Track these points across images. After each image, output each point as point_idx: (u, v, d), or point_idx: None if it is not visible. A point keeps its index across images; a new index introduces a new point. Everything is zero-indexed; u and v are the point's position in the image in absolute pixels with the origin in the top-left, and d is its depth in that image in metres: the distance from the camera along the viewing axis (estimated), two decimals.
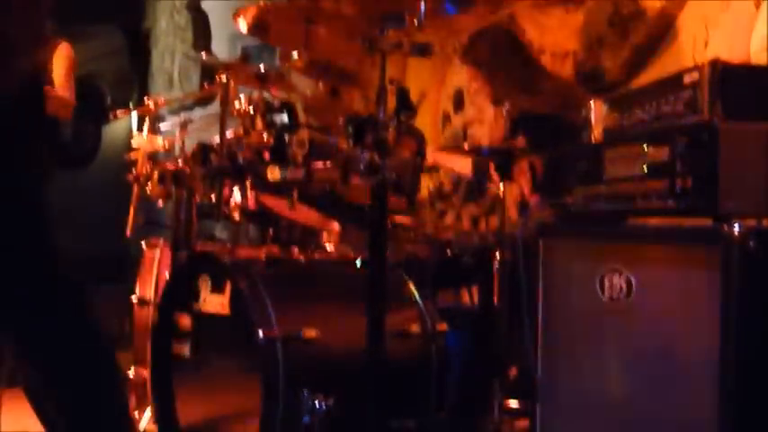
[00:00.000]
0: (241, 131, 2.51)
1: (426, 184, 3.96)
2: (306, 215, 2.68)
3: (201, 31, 6.42)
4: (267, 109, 2.52)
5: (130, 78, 7.02)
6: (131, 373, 3.12)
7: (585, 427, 1.84)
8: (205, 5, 6.43)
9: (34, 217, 1.73)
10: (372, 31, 1.71)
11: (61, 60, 3.35)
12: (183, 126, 3.03)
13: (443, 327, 2.41)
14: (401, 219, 2.83)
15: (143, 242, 3.39)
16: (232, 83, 2.61)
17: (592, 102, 1.96)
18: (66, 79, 3.34)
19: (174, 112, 5.60)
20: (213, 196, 2.52)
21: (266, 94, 2.61)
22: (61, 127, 4.22)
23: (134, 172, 2.96)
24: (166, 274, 3.08)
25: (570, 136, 2.01)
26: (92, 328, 1.76)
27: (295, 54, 2.72)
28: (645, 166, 1.69)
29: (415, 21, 1.70)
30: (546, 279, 2.00)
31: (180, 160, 2.87)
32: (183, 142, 2.98)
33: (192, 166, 2.75)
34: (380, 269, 1.74)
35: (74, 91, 3.39)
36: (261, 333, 2.07)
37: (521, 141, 2.98)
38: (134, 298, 3.24)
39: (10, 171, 1.67)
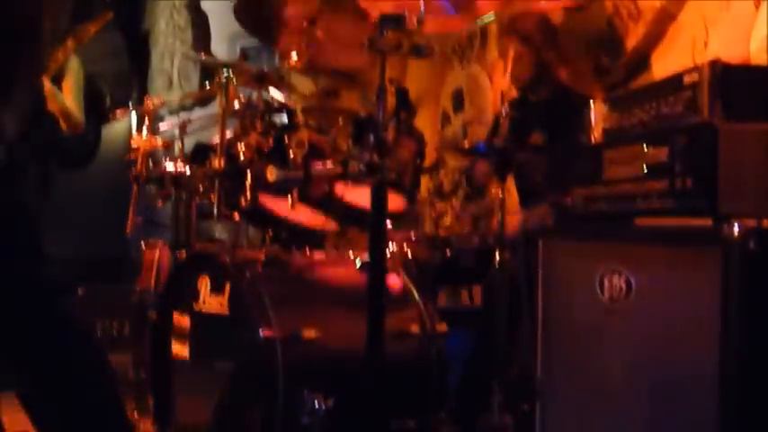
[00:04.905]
0: (240, 132, 2.51)
1: (426, 185, 3.96)
2: (306, 215, 2.68)
3: (201, 32, 6.42)
4: (267, 109, 2.52)
5: (130, 79, 7.01)
6: (131, 373, 3.12)
7: (585, 427, 1.84)
8: (205, 6, 6.42)
9: (28, 229, 1.73)
10: (372, 31, 1.71)
11: (73, 76, 3.31)
12: (183, 126, 3.03)
13: (443, 327, 2.40)
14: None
15: (143, 242, 3.38)
16: (232, 83, 2.61)
17: (592, 102, 1.96)
18: (77, 97, 3.30)
19: (174, 112, 5.60)
20: (213, 196, 2.52)
21: (265, 95, 2.61)
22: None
23: (133, 172, 2.95)
24: (166, 275, 3.08)
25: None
26: (83, 331, 1.75)
27: (295, 54, 2.72)
28: (645, 167, 1.69)
29: (415, 20, 1.70)
30: (546, 279, 1.99)
31: (179, 160, 2.87)
32: (182, 142, 2.98)
33: (191, 166, 2.75)
34: (380, 269, 1.73)
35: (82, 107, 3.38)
36: (260, 333, 2.06)
37: (536, 137, 2.97)
38: (133, 298, 3.24)
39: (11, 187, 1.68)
